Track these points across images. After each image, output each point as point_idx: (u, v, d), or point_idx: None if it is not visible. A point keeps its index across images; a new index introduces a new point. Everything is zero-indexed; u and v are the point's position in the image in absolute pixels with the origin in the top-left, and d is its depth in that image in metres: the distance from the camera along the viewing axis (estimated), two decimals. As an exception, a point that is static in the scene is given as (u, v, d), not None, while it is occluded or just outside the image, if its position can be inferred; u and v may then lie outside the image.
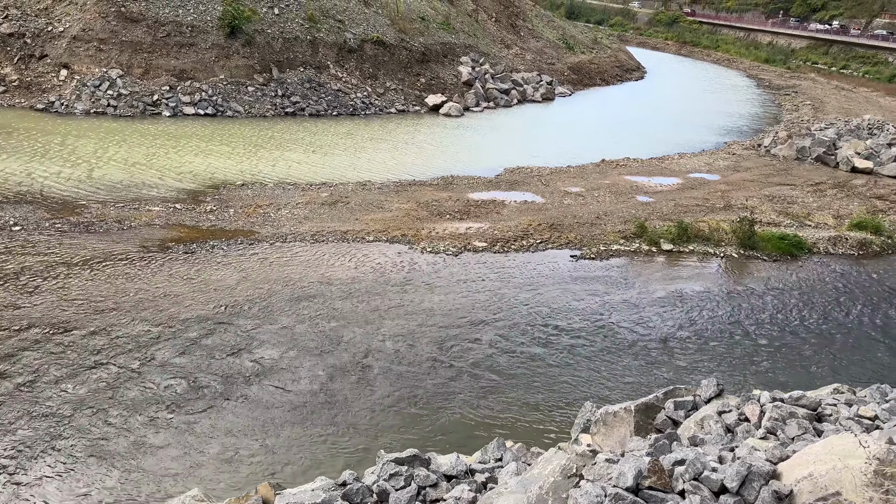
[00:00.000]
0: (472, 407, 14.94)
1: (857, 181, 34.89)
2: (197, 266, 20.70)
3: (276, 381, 15.31)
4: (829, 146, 39.15)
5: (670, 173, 35.48)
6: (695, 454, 7.41)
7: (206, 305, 18.26)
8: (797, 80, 78.00)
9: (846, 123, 46.33)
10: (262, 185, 29.10)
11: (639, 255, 24.22)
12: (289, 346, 16.75)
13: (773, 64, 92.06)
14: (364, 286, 20.25)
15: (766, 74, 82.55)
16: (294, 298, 19.09)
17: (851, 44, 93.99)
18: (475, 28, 61.13)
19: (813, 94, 67.26)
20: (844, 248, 25.67)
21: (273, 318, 17.99)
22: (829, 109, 57.46)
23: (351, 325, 17.93)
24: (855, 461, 5.87)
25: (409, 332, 17.84)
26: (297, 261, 21.71)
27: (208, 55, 42.10)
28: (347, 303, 19.13)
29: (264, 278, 20.22)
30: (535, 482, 7.84)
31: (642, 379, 16.38)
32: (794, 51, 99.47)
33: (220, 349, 16.34)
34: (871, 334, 19.57)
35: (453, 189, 30.62)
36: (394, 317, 18.57)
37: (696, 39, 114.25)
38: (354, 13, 50.41)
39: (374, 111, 45.45)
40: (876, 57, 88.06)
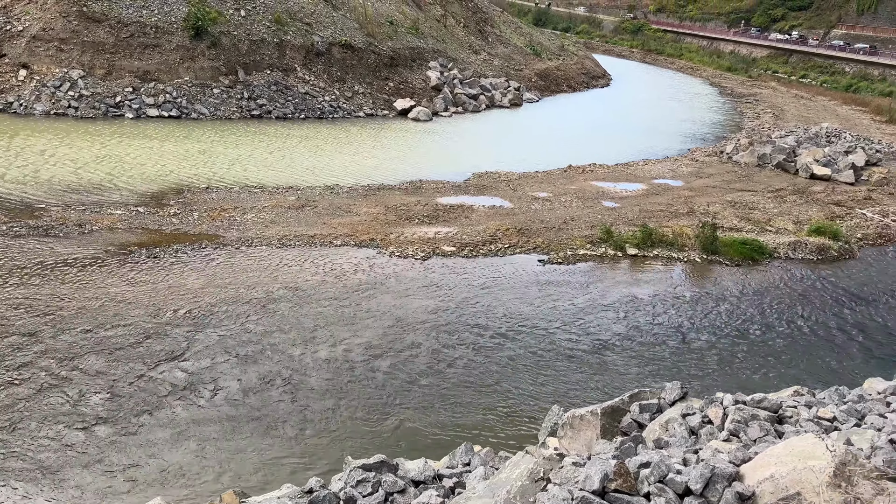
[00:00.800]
0: (441, 412, 14.92)
1: (815, 187, 35.76)
2: (160, 271, 20.34)
3: (238, 389, 15.10)
4: (789, 153, 40.08)
5: (635, 179, 35.96)
6: (660, 457, 7.49)
7: (169, 310, 17.94)
8: (758, 88, 79.76)
9: (805, 131, 47.52)
10: (227, 189, 28.74)
11: (605, 260, 24.48)
12: (254, 352, 16.53)
13: (735, 72, 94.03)
14: (331, 291, 20.11)
15: (728, 83, 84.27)
16: (260, 304, 18.86)
17: (810, 54, 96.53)
18: (443, 33, 61.31)
19: (773, 102, 68.84)
20: (804, 253, 26.27)
21: (238, 323, 17.74)
22: (789, 117, 58.86)
23: (318, 331, 17.77)
24: (815, 462, 5.99)
25: (378, 336, 17.75)
26: (263, 265, 21.47)
27: (173, 57, 41.48)
28: (315, 308, 18.97)
29: (229, 283, 19.95)
30: (503, 486, 7.85)
31: (609, 381, 16.53)
32: (756, 60, 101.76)
33: (206, 352, 16.05)
34: (829, 337, 20.04)
35: (422, 193, 30.61)
36: (362, 322, 18.46)
37: (661, 48, 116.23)
38: (322, 16, 50.16)
39: (342, 115, 45.24)
40: (833, 67, 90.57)
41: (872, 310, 22.10)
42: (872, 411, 9.90)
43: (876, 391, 11.32)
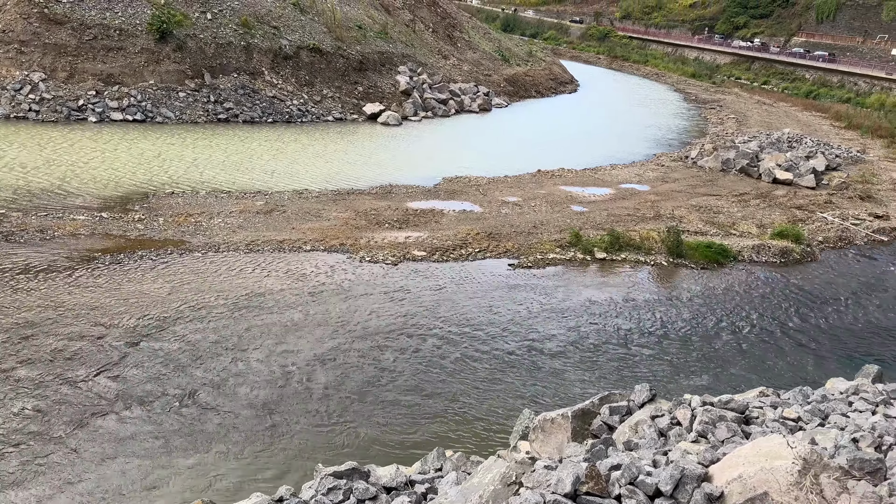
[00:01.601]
0: (413, 417, 14.87)
1: (778, 192, 36.53)
2: (124, 277, 19.96)
3: (209, 398, 14.86)
4: (752, 158, 40.88)
5: (603, 184, 36.34)
6: (630, 459, 7.57)
7: (133, 318, 17.60)
8: (722, 94, 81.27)
9: (768, 136, 48.53)
10: (193, 194, 28.34)
11: (574, 264, 24.68)
12: (222, 360, 16.30)
13: (699, 79, 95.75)
14: (301, 297, 19.93)
15: (692, 89, 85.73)
16: (227, 311, 18.62)
17: (772, 60, 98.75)
18: (412, 38, 61.34)
19: (736, 108, 70.19)
20: (767, 256, 26.79)
21: (205, 331, 17.49)
22: (752, 123, 60.06)
23: (287, 337, 17.60)
24: (781, 462, 6.10)
25: (348, 342, 17.64)
26: (230, 271, 21.19)
27: (137, 60, 40.82)
28: (284, 314, 18.78)
29: (196, 289, 19.65)
30: (475, 491, 7.84)
31: (579, 384, 16.64)
32: (719, 66, 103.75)
33: (145, 363, 15.76)
34: (793, 338, 20.46)
35: (392, 198, 30.54)
36: (333, 328, 18.32)
37: (627, 54, 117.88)
38: (290, 20, 49.84)
39: (311, 119, 44.97)
40: (794, 73, 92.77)
41: (834, 311, 22.62)
42: (835, 411, 10.13)
43: (838, 391, 11.59)
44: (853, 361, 18.48)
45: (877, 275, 26.35)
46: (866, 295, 24.14)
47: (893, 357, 19.53)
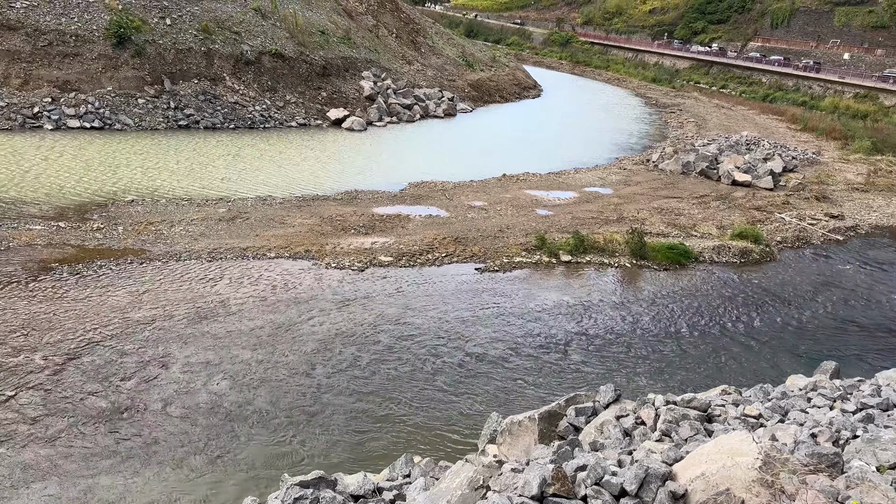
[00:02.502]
0: (381, 424, 14.77)
1: (737, 193, 37.28)
2: (83, 288, 19.49)
3: (172, 409, 14.57)
4: (712, 161, 41.68)
5: (567, 187, 36.68)
6: (595, 459, 7.62)
7: (92, 329, 17.19)
8: (681, 98, 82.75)
9: (726, 139, 49.54)
10: (153, 202, 27.83)
11: (540, 267, 24.84)
12: (185, 371, 16.00)
13: (659, 83, 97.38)
14: (265, 305, 19.69)
15: (653, 93, 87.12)
16: (189, 320, 18.30)
17: (729, 65, 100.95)
18: (376, 43, 61.24)
19: (696, 111, 71.53)
20: (727, 257, 27.31)
21: (166, 341, 17.16)
22: (711, 126, 61.25)
23: (252, 347, 17.36)
24: (743, 459, 6.20)
25: (315, 350, 17.47)
26: (192, 280, 20.84)
27: (95, 66, 39.99)
28: (248, 323, 18.53)
29: (156, 299, 19.28)
30: (443, 497, 7.82)
31: (545, 385, 16.73)
32: (679, 71, 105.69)
33: (103, 375, 15.39)
34: (753, 336, 20.87)
35: (358, 203, 30.39)
36: (297, 335, 18.13)
37: (589, 59, 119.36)
38: (251, 25, 49.35)
39: (274, 124, 44.56)
40: (751, 77, 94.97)
41: (793, 309, 23.14)
42: (795, 407, 10.35)
43: (797, 387, 11.84)
44: (812, 358, 18.91)
45: (833, 273, 27.04)
46: (823, 293, 24.75)
47: (850, 353, 20.05)
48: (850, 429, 8.82)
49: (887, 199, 38.88)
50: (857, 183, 42.20)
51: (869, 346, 20.81)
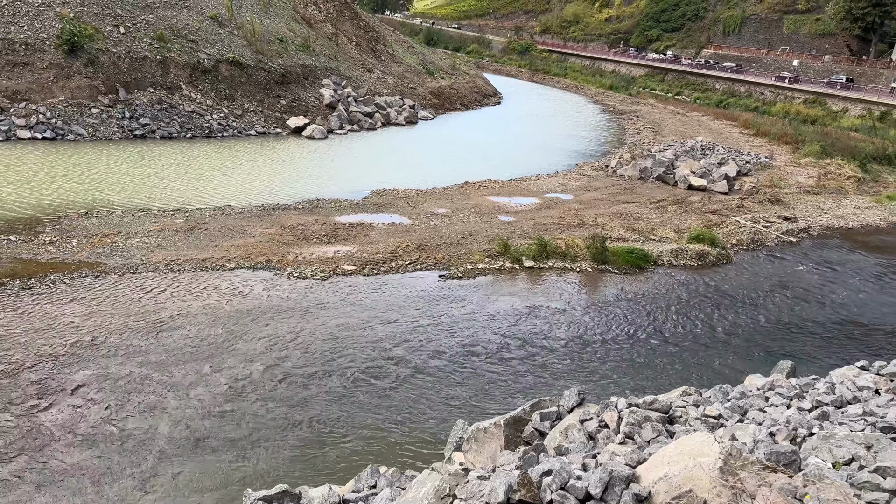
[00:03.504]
0: (347, 435, 14.64)
1: (693, 198, 38.04)
2: (36, 302, 18.91)
3: (125, 426, 14.22)
4: (668, 166, 42.48)
5: (529, 193, 36.98)
6: (560, 464, 7.66)
7: (45, 344, 16.69)
8: (638, 105, 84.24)
9: (682, 145, 50.58)
10: (108, 213, 27.20)
11: (504, 273, 24.96)
12: (139, 386, 15.64)
13: (616, 90, 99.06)
14: (225, 316, 19.37)
15: (610, 100, 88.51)
16: (144, 333, 17.90)
17: (684, 72, 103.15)
18: (336, 51, 61.00)
19: (652, 118, 72.88)
20: (685, 260, 27.83)
21: (121, 356, 16.75)
22: (667, 132, 62.46)
23: (210, 359, 17.05)
24: (704, 459, 6.30)
25: (275, 360, 17.24)
26: (149, 293, 20.41)
27: (46, 75, 38.99)
28: (206, 335, 18.20)
29: (112, 313, 18.82)
30: (410, 507, 7.78)
31: (511, 391, 16.80)
32: (635, 78, 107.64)
33: (53, 391, 14.96)
34: (712, 337, 21.29)
35: (319, 212, 30.16)
36: (258, 345, 17.88)
37: (547, 67, 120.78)
38: (208, 33, 48.72)
39: (233, 133, 44.01)
40: (705, 84, 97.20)
41: (749, 309, 23.67)
42: (753, 407, 10.57)
43: (755, 387, 12.10)
44: (769, 358, 19.36)
45: (787, 274, 27.75)
46: (779, 293, 25.38)
47: (805, 352, 20.59)
48: (807, 427, 9.05)
49: (837, 201, 40.12)
50: (808, 186, 43.46)
51: (822, 344, 21.40)
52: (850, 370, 12.81)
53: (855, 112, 75.02)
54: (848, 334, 22.29)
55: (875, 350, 20.79)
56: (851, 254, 31.00)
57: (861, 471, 7.18)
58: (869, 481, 6.76)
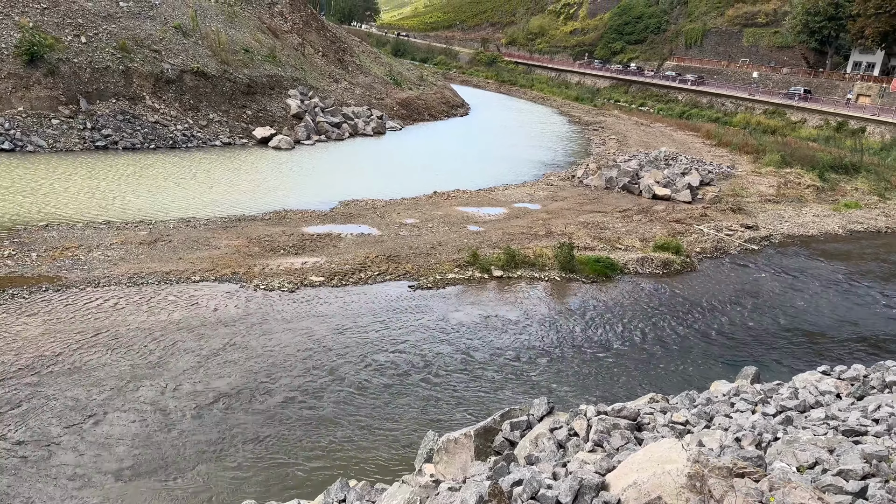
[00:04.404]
0: (315, 448, 14.45)
1: (658, 207, 38.61)
2: (-8, 318, 18.37)
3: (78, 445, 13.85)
4: (633, 176, 43.09)
5: (497, 203, 37.17)
6: (531, 473, 7.66)
7: (5, 362, 16.21)
8: (603, 116, 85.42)
9: (646, 155, 51.37)
10: (69, 226, 26.59)
11: (473, 283, 24.99)
12: (99, 403, 15.26)
13: (581, 102, 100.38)
14: (189, 330, 19.03)
15: (576, 111, 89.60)
16: (106, 349, 17.50)
17: (647, 84, 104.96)
18: (302, 62, 60.73)
19: (617, 129, 73.94)
20: (651, 268, 28.20)
21: (82, 371, 16.33)
22: (632, 143, 63.40)
23: (175, 374, 16.72)
24: (672, 466, 6.36)
25: (242, 374, 16.98)
26: (111, 306, 19.97)
27: (4, 85, 38.08)
28: (169, 349, 17.86)
29: (72, 328, 18.37)
30: (380, 520, 7.69)
31: (481, 400, 16.78)
32: (599, 90, 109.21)
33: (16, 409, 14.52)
34: (678, 344, 21.56)
35: (287, 223, 29.89)
36: (223, 359, 17.59)
37: (514, 79, 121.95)
38: (172, 43, 48.13)
39: (197, 144, 43.45)
40: (668, 95, 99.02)
41: (714, 316, 24.05)
42: (719, 413, 10.71)
43: (721, 393, 12.27)
44: (733, 363, 19.68)
45: (750, 281, 28.29)
46: (742, 300, 25.84)
47: (769, 358, 20.97)
48: (772, 431, 9.20)
49: (797, 210, 41.08)
50: (769, 195, 44.44)
51: (785, 349, 21.83)
52: (813, 375, 13.08)
53: (813, 122, 77.09)
54: (809, 340, 22.78)
55: (836, 355, 21.28)
56: (812, 261, 31.73)
57: (825, 474, 7.32)
58: (832, 484, 6.89)
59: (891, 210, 42.84)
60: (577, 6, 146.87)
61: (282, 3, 67.16)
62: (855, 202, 43.68)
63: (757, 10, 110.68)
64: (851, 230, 37.71)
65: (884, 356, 19.83)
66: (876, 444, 8.48)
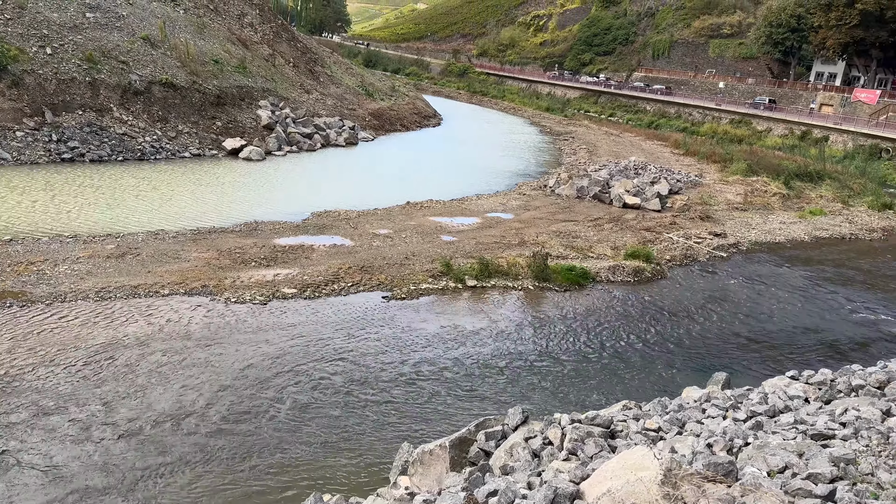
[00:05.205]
0: (289, 463, 14.28)
1: (628, 216, 39.05)
2: (-47, 336, 17.88)
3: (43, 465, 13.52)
4: (604, 185, 43.54)
5: (470, 213, 37.27)
6: (506, 483, 7.66)
7: (-34, 381, 15.78)
8: (573, 126, 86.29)
9: (616, 165, 51.98)
10: (34, 240, 26.05)
11: (447, 293, 24.99)
12: (67, 422, 14.92)
13: (552, 112, 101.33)
14: (158, 344, 18.73)
15: (547, 122, 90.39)
16: (73, 365, 17.13)
17: (616, 94, 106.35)
18: (273, 73, 60.44)
19: (587, 139, 74.72)
20: (622, 276, 28.47)
21: (47, 389, 15.97)
22: (602, 153, 64.10)
23: (144, 390, 16.42)
24: (645, 473, 6.40)
25: (214, 389, 16.73)
26: (78, 322, 19.57)
27: (-36, 95, 37.29)
28: (137, 364, 17.54)
29: (37, 344, 17.95)
30: (355, 534, 7.62)
31: (455, 412, 16.74)
32: (570, 100, 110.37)
33: (-15, 430, 14.13)
34: (649, 351, 21.76)
35: (258, 235, 29.62)
36: (193, 374, 17.32)
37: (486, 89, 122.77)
38: (140, 54, 47.59)
39: (166, 156, 42.95)
40: (636, 106, 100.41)
41: (684, 323, 24.34)
42: (691, 419, 10.81)
43: (693, 399, 12.40)
44: (704, 369, 19.91)
45: (719, 288, 28.70)
46: (711, 307, 26.20)
47: (739, 363, 21.26)
48: (742, 437, 9.31)
49: (764, 217, 41.84)
50: (736, 202, 45.21)
51: (754, 355, 22.15)
52: (781, 380, 13.28)
53: (778, 132, 78.75)
54: (778, 345, 23.16)
55: (804, 359, 21.65)
56: (779, 267, 32.32)
57: (794, 478, 7.42)
58: (802, 488, 7.00)
59: (854, 217, 43.86)
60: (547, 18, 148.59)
61: (252, 14, 66.88)
62: (820, 209, 44.63)
63: (722, 21, 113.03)
64: (817, 237, 38.50)
65: (850, 360, 20.23)
66: (843, 447, 8.64)
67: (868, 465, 7.93)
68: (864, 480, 7.62)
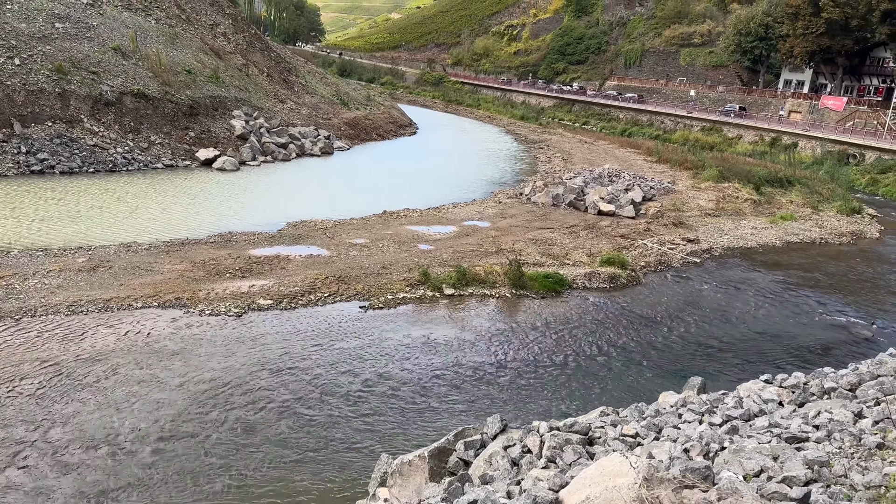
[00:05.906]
0: (268, 475, 14.11)
1: (603, 223, 39.37)
2: (-82, 353, 17.44)
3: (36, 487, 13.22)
4: (579, 193, 43.87)
5: (447, 222, 37.29)
6: (485, 493, 7.64)
7: (-68, 399, 15.38)
8: (548, 134, 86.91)
9: (590, 172, 52.38)
10: (3, 254, 25.55)
11: (425, 302, 24.95)
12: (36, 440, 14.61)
13: (527, 120, 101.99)
14: (131, 358, 18.43)
15: (521, 130, 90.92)
16: (44, 381, 16.78)
17: (589, 103, 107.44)
18: (247, 82, 60.09)
19: (562, 147, 75.29)
20: (598, 283, 28.66)
21: (17, 407, 15.62)
22: (576, 161, 64.61)
23: (116, 405, 16.14)
24: (623, 479, 6.43)
25: (188, 403, 16.49)
26: (49, 337, 19.20)
27: (-72, 107, 36.53)
28: (110, 379, 17.23)
29: (7, 361, 17.56)
30: (333, 548, 7.54)
31: (433, 421, 16.68)
32: (544, 109, 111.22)
33: (-49, 450, 13.77)
34: (626, 356, 21.91)
35: (233, 246, 29.34)
36: (167, 388, 17.07)
37: (461, 98, 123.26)
38: (111, 64, 47.03)
39: (138, 167, 42.45)
40: (610, 114, 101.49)
41: (659, 329, 24.56)
42: (668, 424, 10.89)
43: (669, 404, 12.49)
44: (680, 374, 20.08)
45: (693, 293, 29.02)
46: (686, 312, 26.47)
47: (714, 368, 21.48)
48: (718, 441, 9.39)
49: (736, 223, 42.44)
50: (708, 209, 45.80)
51: (729, 359, 22.41)
52: (756, 384, 13.44)
53: (748, 138, 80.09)
54: (752, 349, 23.45)
55: (777, 363, 21.94)
56: (751, 272, 32.77)
57: (770, 481, 7.51)
58: (777, 491, 7.07)
59: (824, 221, 44.67)
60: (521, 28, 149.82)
61: (225, 24, 66.51)
62: (790, 214, 45.39)
63: (692, 31, 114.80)
64: (788, 241, 39.13)
65: (822, 363, 20.55)
66: (817, 449, 8.75)
67: (841, 467, 8.05)
68: (838, 482, 7.73)
